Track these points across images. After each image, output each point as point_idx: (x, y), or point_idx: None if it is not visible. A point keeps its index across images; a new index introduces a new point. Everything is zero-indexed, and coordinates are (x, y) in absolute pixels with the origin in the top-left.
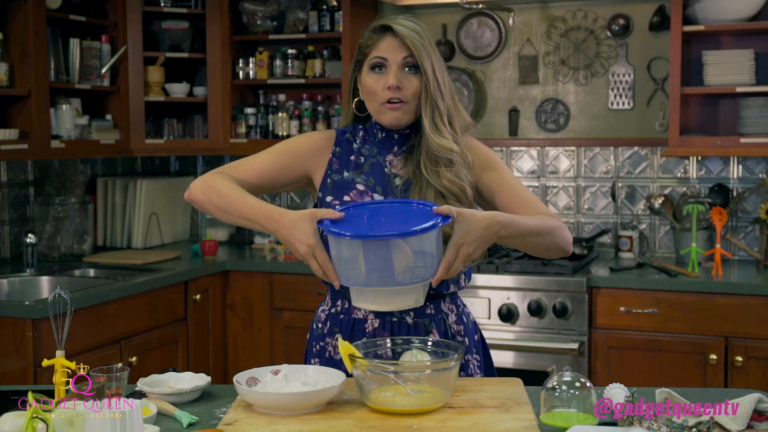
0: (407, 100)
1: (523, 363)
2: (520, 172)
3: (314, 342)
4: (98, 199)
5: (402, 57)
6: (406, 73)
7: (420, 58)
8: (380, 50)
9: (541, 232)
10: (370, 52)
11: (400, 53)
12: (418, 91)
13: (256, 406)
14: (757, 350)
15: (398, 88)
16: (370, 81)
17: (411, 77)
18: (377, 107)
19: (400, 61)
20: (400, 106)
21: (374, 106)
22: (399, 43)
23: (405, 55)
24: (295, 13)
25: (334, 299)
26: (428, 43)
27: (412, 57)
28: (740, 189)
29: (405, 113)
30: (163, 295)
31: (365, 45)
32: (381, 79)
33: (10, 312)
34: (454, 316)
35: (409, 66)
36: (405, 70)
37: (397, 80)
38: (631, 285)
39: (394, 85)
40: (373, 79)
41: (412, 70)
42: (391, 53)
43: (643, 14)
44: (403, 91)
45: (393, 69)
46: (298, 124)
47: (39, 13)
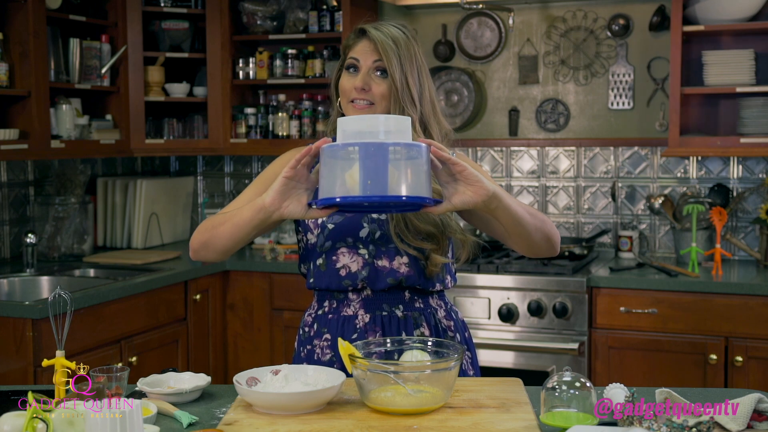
0: (375, 102)
1: (523, 363)
2: (520, 172)
3: (301, 347)
4: (98, 199)
5: (372, 60)
6: (375, 77)
7: (388, 63)
8: (355, 52)
9: (528, 213)
10: (348, 53)
11: (371, 56)
12: (386, 94)
13: (256, 406)
14: (757, 350)
15: (363, 89)
16: (344, 80)
17: (379, 80)
18: (345, 105)
19: (371, 64)
20: (365, 108)
21: (344, 103)
22: (372, 47)
23: (375, 59)
24: (295, 13)
25: (321, 301)
26: (405, 50)
27: (382, 62)
28: (740, 189)
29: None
30: (163, 295)
31: (345, 46)
32: (352, 79)
33: (10, 312)
34: (443, 312)
35: (380, 69)
36: (376, 73)
37: (363, 82)
38: (631, 285)
39: (359, 86)
40: (346, 79)
41: (383, 75)
42: (363, 56)
43: (643, 14)
44: (369, 92)
45: (362, 71)
46: (298, 124)
47: (39, 13)
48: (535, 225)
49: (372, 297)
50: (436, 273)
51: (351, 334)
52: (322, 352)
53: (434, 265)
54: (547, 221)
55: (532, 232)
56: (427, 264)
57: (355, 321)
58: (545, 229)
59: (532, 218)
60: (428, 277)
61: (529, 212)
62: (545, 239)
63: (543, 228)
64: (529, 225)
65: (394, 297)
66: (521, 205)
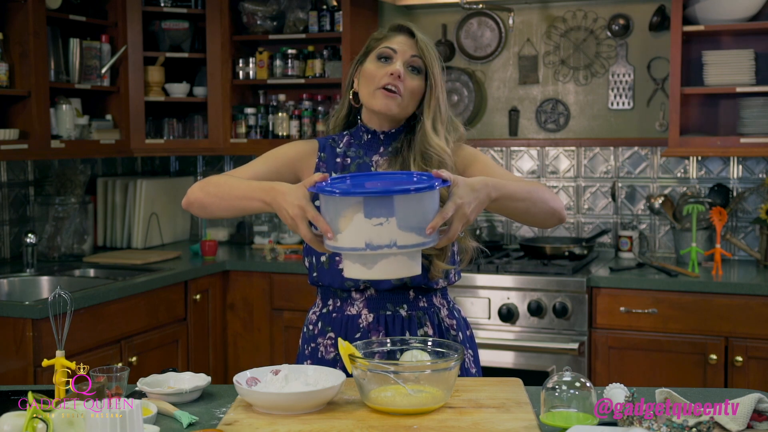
0: (403, 95)
1: (523, 363)
2: (520, 172)
3: (305, 345)
4: (98, 199)
5: (410, 54)
6: (408, 71)
7: (429, 60)
8: (392, 43)
9: (531, 194)
10: (381, 44)
11: (410, 51)
12: (415, 91)
13: (256, 406)
14: (757, 350)
15: (399, 77)
16: (372, 67)
17: (412, 76)
18: (371, 91)
19: (408, 57)
20: (395, 96)
21: (369, 90)
22: (411, 42)
23: (413, 54)
24: (295, 13)
25: (325, 299)
26: (437, 55)
27: (420, 59)
28: (740, 189)
29: (398, 105)
30: (163, 295)
31: (377, 38)
32: (384, 66)
33: (10, 312)
34: (445, 311)
35: (412, 66)
36: (408, 68)
37: (402, 69)
38: (631, 285)
39: (398, 72)
40: (376, 66)
41: (414, 71)
42: (401, 47)
43: (643, 14)
44: (403, 83)
45: (399, 61)
46: (298, 124)
47: (39, 13)
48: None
49: (376, 296)
50: (438, 278)
51: (354, 333)
52: (326, 351)
53: (437, 271)
54: (549, 195)
55: (536, 213)
56: (430, 269)
57: (358, 320)
58: (551, 206)
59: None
60: (431, 278)
61: (530, 193)
62: (552, 214)
63: (548, 206)
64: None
65: (398, 296)
66: (521, 187)
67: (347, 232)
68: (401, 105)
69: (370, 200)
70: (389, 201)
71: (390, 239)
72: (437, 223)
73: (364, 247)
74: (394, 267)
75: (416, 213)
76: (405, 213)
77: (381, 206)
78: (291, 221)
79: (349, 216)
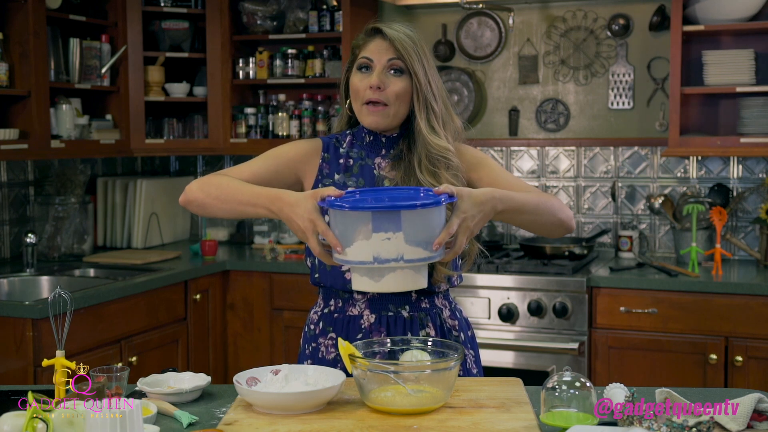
0: (389, 102)
1: (523, 363)
2: (520, 172)
3: (306, 344)
4: (98, 199)
5: (387, 59)
6: (390, 75)
7: (409, 60)
8: (368, 51)
9: (539, 206)
10: (360, 53)
11: (386, 55)
12: (402, 93)
13: (256, 406)
14: (757, 350)
15: (378, 88)
16: (356, 80)
17: (394, 79)
18: (359, 107)
19: (385, 62)
20: (380, 110)
21: (357, 106)
22: (387, 45)
23: (391, 57)
24: (295, 13)
25: (327, 299)
26: (420, 48)
27: (399, 60)
28: (740, 189)
29: (384, 117)
30: (163, 295)
31: (356, 46)
32: (365, 78)
33: (10, 312)
34: (447, 312)
35: (394, 69)
36: (390, 72)
37: (379, 80)
38: (631, 285)
39: (375, 84)
40: (358, 79)
41: (397, 73)
42: (377, 54)
43: (643, 14)
44: (384, 91)
45: (377, 69)
46: (298, 124)
47: (39, 13)
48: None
49: (378, 297)
50: (441, 282)
51: (356, 333)
52: (327, 351)
53: (440, 276)
54: (557, 205)
55: (543, 224)
56: (433, 273)
57: (360, 321)
58: (558, 217)
59: (540, 213)
60: (434, 282)
61: (537, 206)
62: (559, 226)
63: (556, 218)
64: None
65: (400, 298)
66: (528, 199)
67: (355, 246)
68: (389, 114)
69: (378, 215)
70: (396, 216)
71: (397, 253)
72: (443, 239)
73: (371, 260)
74: (400, 280)
75: (423, 228)
76: (412, 228)
77: (389, 221)
78: (301, 234)
79: (357, 230)
